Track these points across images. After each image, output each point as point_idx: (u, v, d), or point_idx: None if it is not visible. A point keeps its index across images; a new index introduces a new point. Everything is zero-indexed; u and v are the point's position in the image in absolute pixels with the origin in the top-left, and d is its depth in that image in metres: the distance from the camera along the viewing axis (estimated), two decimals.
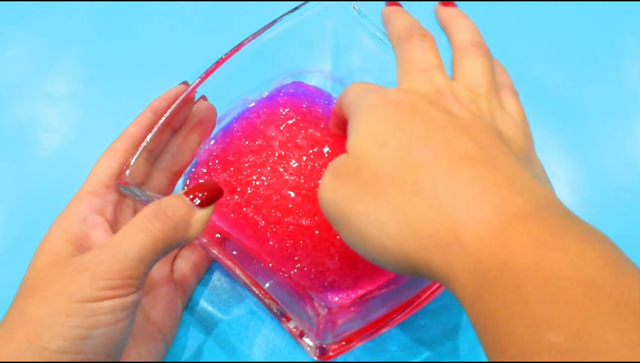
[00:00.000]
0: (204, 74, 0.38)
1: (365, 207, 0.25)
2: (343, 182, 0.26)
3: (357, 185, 0.26)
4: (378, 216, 0.24)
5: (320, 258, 0.37)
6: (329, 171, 0.28)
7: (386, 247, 0.24)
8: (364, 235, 0.25)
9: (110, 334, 0.27)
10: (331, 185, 0.27)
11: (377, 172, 0.25)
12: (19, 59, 0.51)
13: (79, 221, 0.33)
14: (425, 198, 0.23)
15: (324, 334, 0.31)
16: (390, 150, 0.25)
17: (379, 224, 0.24)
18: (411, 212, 0.23)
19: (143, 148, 0.35)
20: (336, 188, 0.27)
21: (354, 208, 0.25)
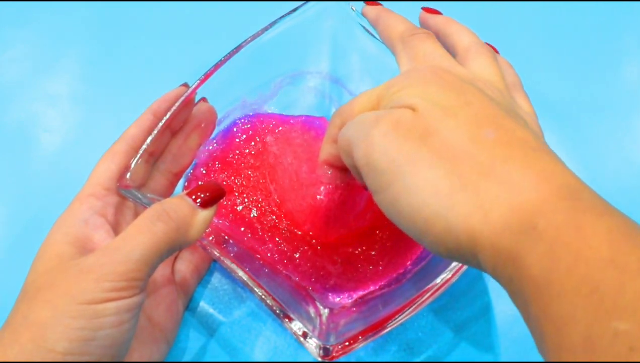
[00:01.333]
0: (203, 76, 0.38)
1: (435, 177, 0.23)
2: (409, 140, 0.24)
3: (426, 150, 0.24)
4: (449, 191, 0.23)
5: (321, 263, 0.37)
6: (388, 122, 0.25)
7: (450, 223, 0.23)
8: (424, 206, 0.24)
9: (115, 335, 0.27)
10: (393, 140, 0.25)
11: (452, 143, 0.24)
12: (20, 59, 0.51)
13: (80, 223, 0.33)
14: (502, 182, 0.23)
15: (327, 335, 0.32)
16: (463, 124, 0.24)
17: (449, 199, 0.23)
18: (486, 193, 0.22)
19: (143, 150, 0.35)
20: (400, 146, 0.25)
21: (421, 175, 0.24)
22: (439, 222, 0.23)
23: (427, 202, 0.23)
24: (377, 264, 0.37)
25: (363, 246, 0.37)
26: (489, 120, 0.25)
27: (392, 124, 0.25)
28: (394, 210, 0.25)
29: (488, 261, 0.23)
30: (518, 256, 0.21)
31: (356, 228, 0.38)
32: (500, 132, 0.24)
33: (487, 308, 0.40)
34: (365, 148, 0.26)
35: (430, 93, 0.26)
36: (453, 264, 0.33)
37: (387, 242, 0.38)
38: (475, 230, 0.22)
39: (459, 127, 0.24)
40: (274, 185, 0.39)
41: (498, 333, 0.39)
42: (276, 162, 0.40)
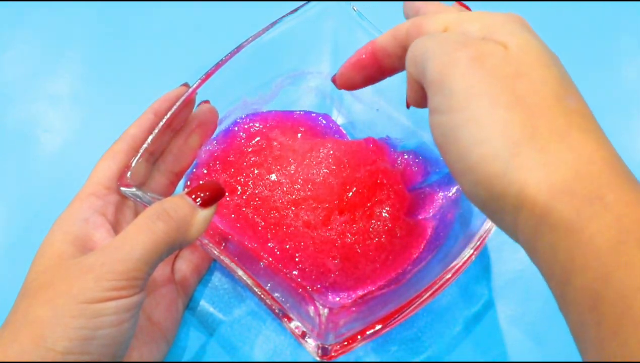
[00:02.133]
0: (204, 76, 0.38)
1: (509, 120, 0.23)
2: (495, 75, 0.24)
3: (510, 93, 0.23)
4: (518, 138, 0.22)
5: (321, 260, 0.37)
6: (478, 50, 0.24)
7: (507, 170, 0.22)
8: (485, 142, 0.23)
9: (114, 334, 0.27)
10: (478, 70, 0.24)
11: (538, 94, 0.23)
12: (20, 60, 0.51)
13: (81, 222, 0.33)
14: (573, 148, 0.22)
15: (326, 334, 0.32)
16: (554, 79, 0.24)
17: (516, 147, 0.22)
18: (555, 154, 0.22)
19: (144, 150, 0.35)
20: (483, 77, 0.24)
21: (495, 112, 0.23)
22: (495, 163, 0.22)
23: (492, 139, 0.23)
24: (375, 263, 0.37)
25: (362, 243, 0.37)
26: (573, 88, 0.24)
27: (482, 54, 0.24)
28: (452, 135, 0.24)
29: (530, 221, 0.22)
30: (576, 222, 0.21)
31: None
32: (581, 104, 0.24)
33: (487, 308, 0.40)
34: (445, 64, 0.24)
35: (525, 36, 0.25)
36: (452, 264, 0.33)
37: (386, 241, 0.38)
38: (532, 185, 0.22)
39: (549, 82, 0.24)
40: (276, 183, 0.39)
41: (498, 334, 0.39)
42: (278, 160, 0.40)
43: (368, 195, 0.39)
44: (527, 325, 0.39)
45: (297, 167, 0.39)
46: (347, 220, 0.38)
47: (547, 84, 0.24)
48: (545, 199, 0.21)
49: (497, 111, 0.23)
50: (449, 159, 0.25)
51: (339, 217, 0.38)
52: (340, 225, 0.38)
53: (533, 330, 0.39)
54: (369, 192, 0.39)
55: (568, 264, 0.21)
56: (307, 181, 0.38)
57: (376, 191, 0.39)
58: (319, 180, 0.38)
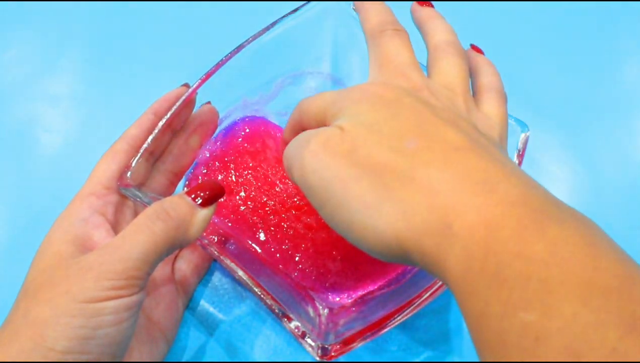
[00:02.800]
0: (204, 76, 0.38)
1: (361, 190, 0.25)
2: (336, 159, 0.26)
3: (353, 166, 0.25)
4: (375, 202, 0.24)
5: (321, 261, 0.37)
6: (317, 141, 0.27)
7: (380, 232, 0.24)
8: (355, 218, 0.25)
9: (114, 334, 0.27)
10: (321, 159, 0.26)
11: (375, 157, 0.25)
12: (20, 59, 0.51)
13: (80, 222, 0.33)
14: (422, 187, 0.24)
15: (326, 334, 0.32)
16: (386, 138, 0.26)
17: (376, 210, 0.24)
18: (408, 200, 0.24)
19: (144, 150, 0.35)
20: (328, 164, 0.26)
21: (349, 190, 0.25)
22: (370, 233, 0.24)
23: (356, 215, 0.25)
24: (376, 263, 0.37)
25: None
26: (413, 130, 0.26)
27: (321, 143, 0.27)
28: (333, 224, 0.26)
29: (420, 263, 0.24)
30: (439, 259, 0.22)
31: None
32: (422, 139, 0.25)
33: None
34: (299, 168, 0.27)
35: (360, 112, 0.27)
36: None
37: None
38: (402, 236, 0.23)
39: (381, 141, 0.25)
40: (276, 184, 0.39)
41: None
42: (279, 161, 0.40)
43: None
44: None
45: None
46: None
47: (380, 144, 0.25)
48: (416, 244, 0.23)
49: (350, 188, 0.25)
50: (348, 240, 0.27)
51: None
52: None
53: None
54: None
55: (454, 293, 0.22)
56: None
57: None
58: None
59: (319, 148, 0.27)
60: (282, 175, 0.39)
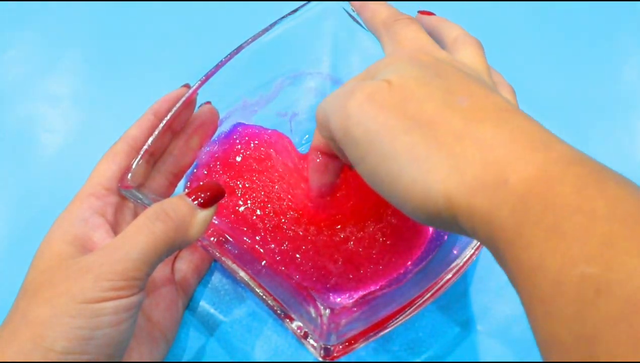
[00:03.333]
0: (204, 77, 0.38)
1: (412, 143, 0.24)
2: (384, 111, 0.25)
3: (403, 119, 0.24)
4: (426, 155, 0.23)
5: (322, 262, 0.37)
6: (363, 93, 0.26)
7: (429, 186, 0.23)
8: (404, 171, 0.24)
9: (113, 335, 0.27)
10: (368, 110, 0.25)
11: (427, 110, 0.24)
12: (20, 60, 0.51)
13: (80, 222, 0.33)
14: (476, 143, 0.23)
15: (328, 335, 0.32)
16: (437, 93, 0.25)
17: (427, 163, 0.23)
18: (462, 155, 0.23)
19: (144, 151, 0.35)
20: (375, 115, 0.25)
21: (398, 142, 0.24)
22: (417, 187, 0.24)
23: (405, 168, 0.24)
24: (377, 263, 0.37)
25: (364, 245, 0.37)
26: (461, 88, 0.25)
27: (368, 95, 0.26)
28: (375, 179, 0.26)
29: (467, 223, 0.23)
30: (490, 214, 0.22)
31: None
32: (473, 98, 0.25)
33: (488, 308, 0.40)
34: (341, 119, 0.26)
35: (405, 69, 0.26)
36: (454, 264, 0.33)
37: (387, 241, 0.38)
38: (452, 192, 0.23)
39: (433, 94, 0.25)
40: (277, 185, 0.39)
41: (499, 333, 0.39)
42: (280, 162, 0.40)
43: (374, 198, 0.38)
44: (528, 325, 0.39)
45: (300, 169, 0.39)
46: (350, 223, 0.38)
47: (432, 98, 0.25)
48: (465, 200, 0.22)
49: (398, 140, 0.24)
50: (385, 197, 0.26)
51: (342, 220, 0.38)
52: (343, 228, 0.37)
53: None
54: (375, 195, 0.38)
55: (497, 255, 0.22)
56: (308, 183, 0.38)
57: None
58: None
59: (365, 99, 0.26)
60: (282, 176, 0.39)
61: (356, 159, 0.26)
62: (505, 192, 0.21)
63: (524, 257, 0.20)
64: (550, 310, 0.19)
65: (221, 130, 0.41)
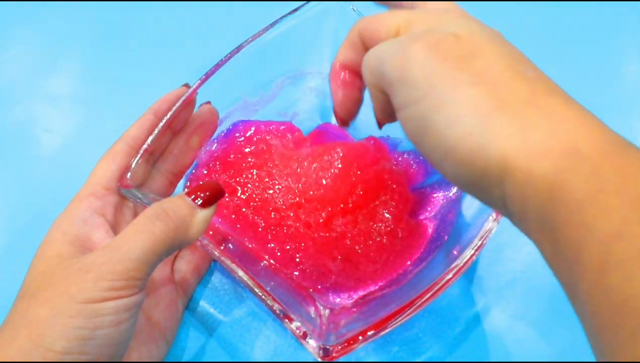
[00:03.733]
0: (204, 76, 0.38)
1: (476, 96, 0.23)
2: (450, 59, 0.24)
3: (469, 70, 0.24)
4: (489, 111, 0.23)
5: (322, 261, 0.37)
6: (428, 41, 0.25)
7: (485, 142, 0.22)
8: (461, 120, 0.23)
9: (113, 335, 0.27)
10: (432, 57, 0.24)
11: (495, 69, 0.24)
12: (20, 59, 0.51)
13: (80, 222, 0.33)
14: (543, 110, 0.22)
15: (327, 335, 0.31)
16: (505, 55, 0.24)
17: (488, 119, 0.22)
18: (527, 119, 0.22)
19: (144, 150, 0.35)
20: (441, 61, 0.24)
21: (461, 91, 0.23)
22: (471, 140, 0.23)
23: (463, 116, 0.23)
24: (377, 263, 0.37)
25: (363, 245, 0.37)
26: (525, 60, 0.25)
27: (434, 42, 0.25)
28: (423, 125, 0.24)
29: (517, 188, 0.22)
30: (558, 179, 0.21)
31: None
32: (539, 73, 0.24)
33: (488, 309, 0.40)
34: (400, 61, 0.25)
35: (473, 27, 0.26)
36: (454, 264, 0.33)
37: (387, 241, 0.38)
38: (510, 152, 0.22)
39: (503, 57, 0.24)
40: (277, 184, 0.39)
41: (498, 335, 0.39)
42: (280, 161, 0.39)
43: (372, 197, 0.38)
44: (528, 325, 0.39)
45: (299, 169, 0.39)
46: (349, 221, 0.38)
47: (502, 59, 0.24)
48: (525, 163, 0.21)
49: (462, 90, 0.23)
50: (426, 149, 0.25)
51: (341, 218, 0.38)
52: (342, 226, 0.38)
53: (534, 331, 0.39)
54: (373, 194, 0.39)
55: (553, 221, 0.21)
56: (309, 183, 0.38)
57: (380, 192, 0.39)
58: (321, 182, 0.38)
59: (431, 46, 0.24)
60: (283, 176, 0.39)
61: (407, 101, 0.25)
62: (577, 160, 0.21)
63: (600, 224, 0.20)
64: (631, 277, 0.18)
65: (221, 130, 0.41)
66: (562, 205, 0.21)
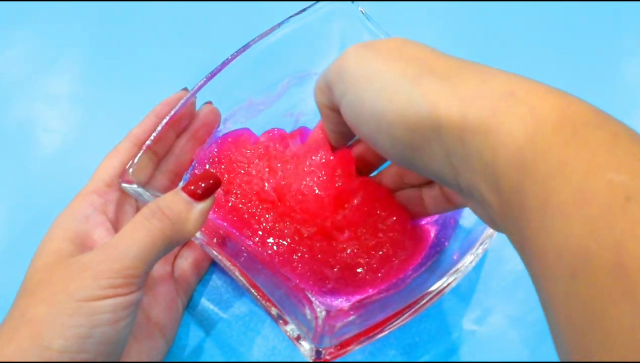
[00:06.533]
0: (209, 75, 0.38)
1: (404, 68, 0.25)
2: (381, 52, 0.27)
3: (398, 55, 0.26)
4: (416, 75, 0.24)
5: (319, 267, 0.36)
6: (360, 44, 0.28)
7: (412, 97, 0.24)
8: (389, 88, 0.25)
9: (111, 333, 0.27)
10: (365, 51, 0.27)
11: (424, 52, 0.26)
12: (19, 59, 0.51)
13: (81, 220, 0.33)
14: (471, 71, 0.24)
15: (321, 337, 0.32)
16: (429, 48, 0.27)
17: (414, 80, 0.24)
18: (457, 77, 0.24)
19: (146, 146, 0.36)
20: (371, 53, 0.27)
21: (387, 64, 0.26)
22: (398, 98, 0.24)
23: (391, 84, 0.25)
24: (376, 270, 0.37)
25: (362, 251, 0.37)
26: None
27: (367, 43, 0.28)
28: (358, 104, 0.26)
29: (452, 137, 0.23)
30: (492, 121, 0.21)
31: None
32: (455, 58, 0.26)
33: (485, 314, 0.39)
34: (338, 62, 0.28)
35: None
36: (452, 270, 0.33)
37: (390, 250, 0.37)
38: (441, 103, 0.23)
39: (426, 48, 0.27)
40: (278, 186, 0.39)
41: (496, 339, 0.39)
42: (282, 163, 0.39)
43: (376, 206, 0.38)
44: (527, 327, 0.39)
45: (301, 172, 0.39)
46: (351, 230, 0.37)
47: (429, 49, 0.27)
48: (458, 109, 0.22)
49: (393, 65, 0.25)
50: (363, 129, 0.27)
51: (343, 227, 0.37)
52: (342, 232, 0.37)
53: (533, 333, 0.39)
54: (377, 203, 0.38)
55: (494, 166, 0.21)
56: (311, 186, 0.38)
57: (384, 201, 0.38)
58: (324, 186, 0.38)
59: (363, 45, 0.28)
60: (283, 176, 0.39)
61: (346, 89, 0.27)
62: (513, 102, 0.21)
63: (540, 163, 0.19)
64: (571, 217, 0.18)
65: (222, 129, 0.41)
66: (501, 149, 0.21)
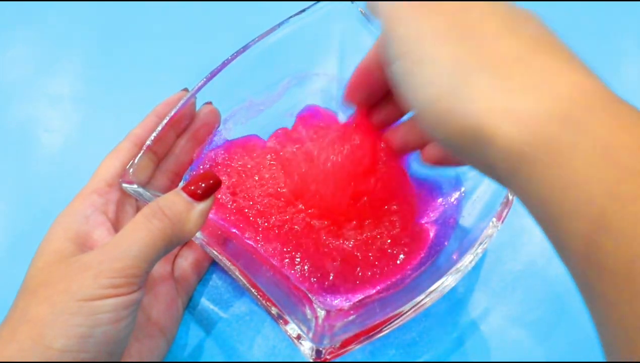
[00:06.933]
0: (209, 75, 0.38)
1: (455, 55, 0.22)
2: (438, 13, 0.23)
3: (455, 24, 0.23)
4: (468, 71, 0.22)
5: (320, 262, 0.37)
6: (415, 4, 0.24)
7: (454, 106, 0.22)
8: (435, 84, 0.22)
9: (112, 332, 0.28)
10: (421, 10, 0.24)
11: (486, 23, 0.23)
12: (21, 59, 0.51)
13: (82, 219, 0.33)
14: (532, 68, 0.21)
15: (321, 337, 0.32)
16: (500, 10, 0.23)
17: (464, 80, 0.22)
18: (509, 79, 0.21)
19: (147, 146, 0.36)
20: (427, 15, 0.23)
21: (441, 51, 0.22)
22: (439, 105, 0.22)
23: (439, 77, 0.22)
24: (375, 268, 0.37)
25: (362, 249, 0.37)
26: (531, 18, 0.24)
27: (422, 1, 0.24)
28: (404, 81, 0.24)
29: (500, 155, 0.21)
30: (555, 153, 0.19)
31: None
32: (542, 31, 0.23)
33: (484, 313, 0.40)
34: (390, 11, 0.24)
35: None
36: (452, 269, 0.33)
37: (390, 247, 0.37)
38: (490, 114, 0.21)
39: (497, 12, 0.23)
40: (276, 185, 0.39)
41: (496, 339, 0.39)
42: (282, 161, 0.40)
43: (379, 203, 0.38)
44: (527, 327, 0.39)
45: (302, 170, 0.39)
46: (352, 226, 0.38)
47: (495, 15, 0.23)
48: (510, 129, 0.20)
49: (444, 47, 0.22)
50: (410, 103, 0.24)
51: (345, 224, 0.38)
52: (343, 230, 0.37)
53: (532, 333, 0.39)
54: (380, 200, 0.38)
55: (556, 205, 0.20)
56: (308, 184, 0.38)
57: (387, 198, 0.38)
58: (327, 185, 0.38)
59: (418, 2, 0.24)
60: (283, 176, 0.39)
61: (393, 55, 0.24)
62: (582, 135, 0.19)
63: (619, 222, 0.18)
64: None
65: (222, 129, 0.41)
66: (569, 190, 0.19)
